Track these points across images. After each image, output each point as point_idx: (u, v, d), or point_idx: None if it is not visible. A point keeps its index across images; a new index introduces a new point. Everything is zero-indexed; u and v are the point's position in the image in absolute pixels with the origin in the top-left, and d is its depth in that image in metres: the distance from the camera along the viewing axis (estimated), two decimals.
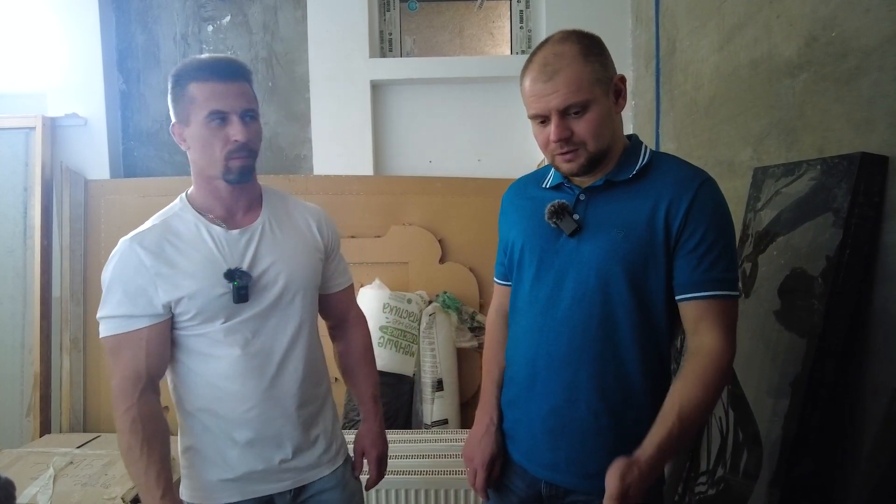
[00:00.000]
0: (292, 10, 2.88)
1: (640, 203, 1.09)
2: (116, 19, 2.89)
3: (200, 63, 1.17)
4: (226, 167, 1.17)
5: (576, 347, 1.11)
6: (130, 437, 1.13)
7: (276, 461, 1.25)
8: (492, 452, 1.25)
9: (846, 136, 1.28)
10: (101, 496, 1.94)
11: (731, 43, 1.80)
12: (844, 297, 1.20)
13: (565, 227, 1.11)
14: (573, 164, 1.09)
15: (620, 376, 1.10)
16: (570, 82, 1.03)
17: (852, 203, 1.19)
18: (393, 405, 2.43)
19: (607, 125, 1.08)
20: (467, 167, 2.88)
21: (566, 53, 1.05)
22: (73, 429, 2.64)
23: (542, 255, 1.15)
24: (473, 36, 3.30)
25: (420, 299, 2.57)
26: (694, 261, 1.05)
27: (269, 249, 1.25)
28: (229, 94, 1.15)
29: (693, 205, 1.05)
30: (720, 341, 1.04)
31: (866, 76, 1.21)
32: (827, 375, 1.22)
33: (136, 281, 1.15)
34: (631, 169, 1.11)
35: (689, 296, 1.06)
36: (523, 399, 1.20)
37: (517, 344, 1.22)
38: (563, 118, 1.05)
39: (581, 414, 1.12)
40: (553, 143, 1.07)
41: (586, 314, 1.10)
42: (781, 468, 1.25)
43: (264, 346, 1.23)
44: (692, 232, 1.05)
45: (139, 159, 2.94)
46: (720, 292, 1.05)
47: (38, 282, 2.63)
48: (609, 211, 1.11)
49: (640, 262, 1.07)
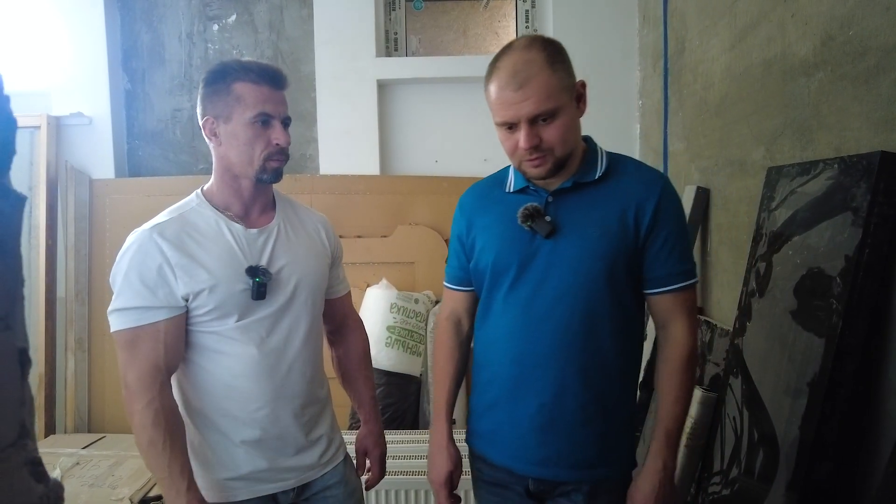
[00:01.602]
0: (298, 9, 2.87)
1: (610, 203, 1.16)
2: (122, 18, 2.88)
3: (249, 65, 1.21)
4: (262, 167, 1.21)
5: (561, 344, 1.15)
6: (153, 431, 1.11)
7: (280, 460, 1.25)
8: (447, 468, 1.28)
9: (864, 136, 1.27)
10: (109, 497, 1.93)
11: (743, 42, 1.80)
12: (864, 296, 1.19)
13: (540, 230, 1.14)
14: (541, 168, 1.12)
15: (602, 365, 1.16)
16: (541, 90, 1.06)
17: (872, 202, 1.18)
18: (400, 405, 2.43)
19: (573, 130, 1.13)
20: (474, 166, 2.87)
21: (535, 61, 1.07)
22: (77, 429, 2.63)
23: (521, 257, 1.17)
24: (478, 35, 3.29)
25: (427, 299, 2.56)
26: (663, 256, 1.14)
27: (283, 250, 1.27)
28: (278, 100, 1.22)
29: (659, 205, 1.14)
30: (690, 327, 1.18)
31: (886, 75, 1.20)
32: (846, 376, 1.21)
33: (157, 271, 1.13)
34: (594, 171, 1.17)
35: (661, 290, 1.16)
36: (506, 399, 1.21)
37: (495, 345, 1.23)
38: (533, 125, 1.08)
39: (570, 407, 1.16)
40: (523, 150, 1.10)
41: (569, 311, 1.14)
42: (800, 470, 1.24)
43: (278, 345, 1.23)
44: (660, 230, 1.14)
45: (144, 158, 2.93)
46: (687, 282, 1.17)
47: (44, 282, 2.62)
48: (581, 211, 1.16)
49: (616, 258, 1.13)
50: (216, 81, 1.19)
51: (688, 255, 1.18)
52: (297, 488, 1.29)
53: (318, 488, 1.32)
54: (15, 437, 0.33)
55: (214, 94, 1.19)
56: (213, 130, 1.20)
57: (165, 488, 1.13)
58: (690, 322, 1.19)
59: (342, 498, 1.35)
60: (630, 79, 2.83)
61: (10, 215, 0.36)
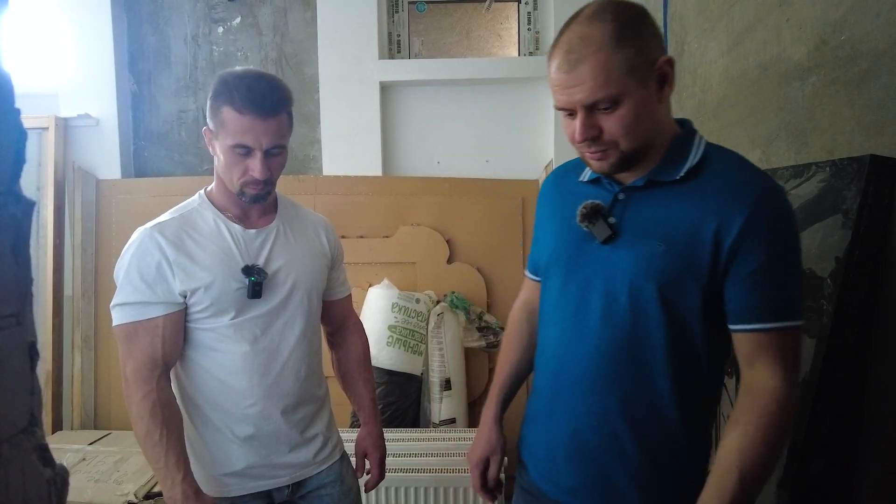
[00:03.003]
0: (302, 12, 2.90)
1: (686, 210, 0.94)
2: (128, 21, 2.92)
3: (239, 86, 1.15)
4: (241, 192, 1.23)
5: (603, 370, 1.00)
6: (150, 422, 1.15)
7: (273, 457, 1.27)
8: (483, 451, 1.20)
9: (856, 139, 1.29)
10: (114, 492, 1.97)
11: (740, 45, 1.81)
12: (854, 297, 1.21)
13: (598, 233, 0.99)
14: (603, 163, 0.97)
15: (650, 403, 0.99)
16: (597, 74, 0.88)
17: (861, 205, 1.20)
18: (401, 404, 2.45)
19: (644, 120, 0.93)
20: (475, 168, 2.90)
21: (593, 37, 0.89)
22: (84, 426, 2.67)
23: (570, 261, 1.04)
24: (481, 37, 3.31)
25: (428, 299, 2.59)
26: (750, 285, 0.91)
27: (282, 251, 1.29)
28: (260, 131, 1.16)
29: (750, 221, 0.90)
30: (783, 380, 0.91)
31: (876, 79, 1.22)
32: (837, 375, 1.23)
33: (156, 268, 1.17)
34: (679, 168, 0.97)
35: (744, 327, 0.93)
36: (545, 414, 1.11)
37: (544, 352, 1.12)
38: (591, 113, 0.92)
39: (605, 442, 1.01)
40: (578, 142, 0.96)
41: (616, 333, 0.98)
42: (791, 469, 1.26)
43: (271, 343, 1.26)
44: (749, 251, 0.90)
45: (150, 159, 2.97)
46: (782, 323, 0.91)
47: (51, 280, 2.66)
48: (650, 216, 0.97)
49: (678, 281, 0.94)
50: (214, 97, 1.20)
51: (789, 290, 0.93)
52: (292, 486, 1.31)
53: (313, 486, 1.34)
54: (25, 424, 0.36)
55: (210, 108, 1.21)
56: (210, 141, 1.24)
57: (161, 478, 1.16)
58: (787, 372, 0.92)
59: (337, 497, 1.36)
60: None
61: (22, 220, 0.39)
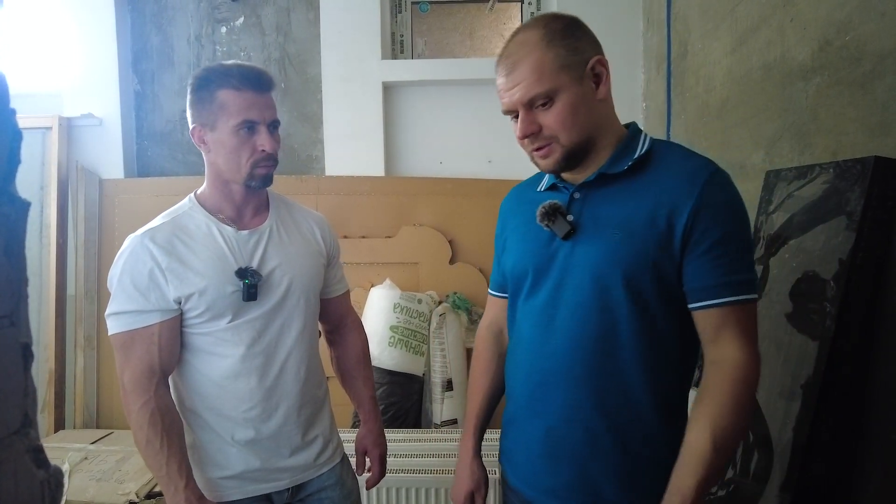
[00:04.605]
0: (305, 12, 2.91)
1: (640, 200, 0.98)
2: (132, 21, 2.93)
3: (230, 70, 1.18)
4: (250, 174, 1.21)
5: (573, 361, 1.01)
6: (150, 431, 1.14)
7: (274, 461, 1.26)
8: (468, 487, 1.21)
9: (860, 140, 1.29)
10: (116, 491, 1.97)
11: (743, 46, 1.81)
12: (857, 299, 1.20)
13: (558, 230, 1.02)
14: (549, 159, 1.01)
15: (623, 392, 1.00)
16: (531, 72, 0.96)
17: (866, 206, 1.19)
18: (403, 404, 2.45)
19: (581, 114, 0.98)
20: (478, 168, 2.89)
21: (528, 41, 0.97)
22: (86, 425, 2.68)
23: (538, 261, 1.06)
24: (484, 38, 3.32)
25: (430, 299, 2.59)
26: (707, 263, 0.94)
27: (276, 251, 1.27)
28: (262, 105, 1.19)
29: (701, 200, 0.94)
30: (745, 351, 0.94)
31: (881, 80, 1.21)
32: (840, 378, 1.22)
33: (149, 275, 1.16)
34: (627, 160, 1.01)
35: (705, 303, 0.96)
36: (521, 417, 1.12)
37: (514, 357, 1.14)
38: (530, 111, 0.98)
39: (578, 436, 1.03)
40: (520, 139, 1.01)
41: (582, 324, 1.00)
42: (793, 471, 1.26)
43: (269, 345, 1.25)
44: (703, 231, 0.94)
45: (153, 159, 2.98)
46: (740, 297, 0.94)
47: (54, 280, 2.67)
48: (606, 209, 1.01)
49: (642, 267, 0.97)
50: (200, 89, 1.19)
51: (743, 264, 0.96)
52: (293, 489, 1.30)
53: (313, 489, 1.33)
54: (18, 426, 0.36)
55: (199, 102, 1.19)
56: (202, 138, 1.22)
57: (164, 485, 1.15)
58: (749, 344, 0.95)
59: (338, 500, 1.35)
60: (635, 81, 2.84)
61: (16, 220, 0.39)
